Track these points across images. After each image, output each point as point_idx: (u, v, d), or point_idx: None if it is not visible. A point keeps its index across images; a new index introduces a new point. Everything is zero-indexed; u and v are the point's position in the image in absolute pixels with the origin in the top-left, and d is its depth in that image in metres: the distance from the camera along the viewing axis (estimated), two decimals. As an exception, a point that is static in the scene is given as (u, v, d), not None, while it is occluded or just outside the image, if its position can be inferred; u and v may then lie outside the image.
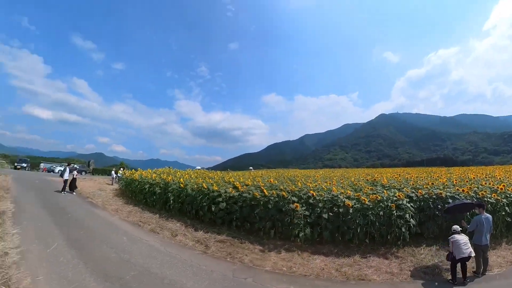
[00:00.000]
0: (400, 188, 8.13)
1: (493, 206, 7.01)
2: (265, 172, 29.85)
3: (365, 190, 7.78)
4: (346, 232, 6.71)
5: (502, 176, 11.81)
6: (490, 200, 7.04)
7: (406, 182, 9.46)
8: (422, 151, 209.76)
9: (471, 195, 7.32)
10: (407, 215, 6.68)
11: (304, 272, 5.46)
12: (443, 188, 7.86)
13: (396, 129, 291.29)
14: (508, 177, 11.63)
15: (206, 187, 8.95)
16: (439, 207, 7.10)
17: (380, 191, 7.44)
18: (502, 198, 7.17)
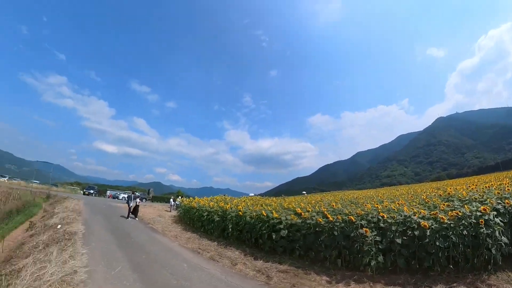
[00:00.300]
0: (483, 200, 6.29)
1: None
2: (320, 196, 27.78)
3: (441, 207, 6.17)
4: (424, 258, 5.27)
5: None
6: None
7: (489, 192, 7.35)
8: (494, 153, 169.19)
9: None
10: (496, 232, 4.97)
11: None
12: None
13: (459, 132, 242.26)
14: None
15: (265, 214, 8.37)
16: None
17: (459, 207, 5.82)
18: None
